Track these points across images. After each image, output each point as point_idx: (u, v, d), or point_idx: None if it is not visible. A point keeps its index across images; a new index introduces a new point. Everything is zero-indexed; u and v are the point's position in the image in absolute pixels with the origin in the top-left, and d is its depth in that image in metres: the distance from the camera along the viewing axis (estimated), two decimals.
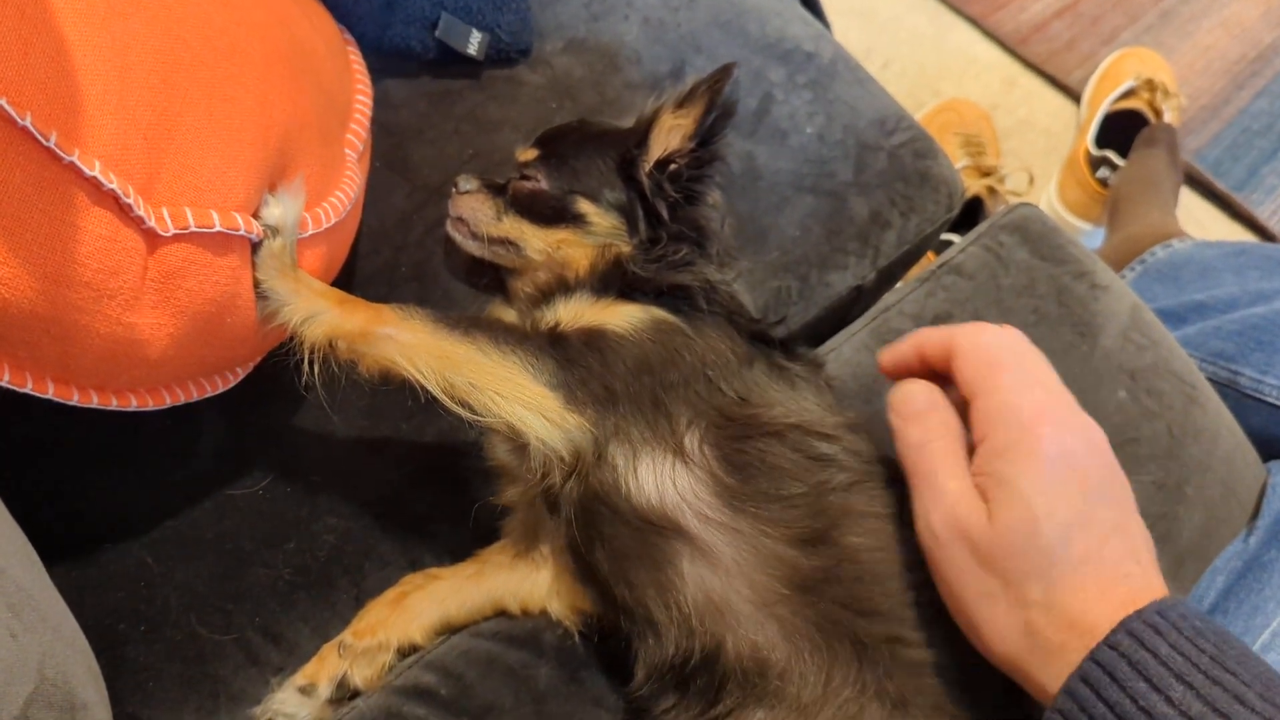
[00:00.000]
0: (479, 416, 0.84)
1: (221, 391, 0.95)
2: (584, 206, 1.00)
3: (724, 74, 0.96)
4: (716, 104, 0.96)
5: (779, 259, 1.20)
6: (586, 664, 0.95)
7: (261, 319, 0.87)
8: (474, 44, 1.22)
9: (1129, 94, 2.17)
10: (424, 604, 0.96)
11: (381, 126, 1.19)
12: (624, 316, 0.90)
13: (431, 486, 1.06)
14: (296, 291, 0.86)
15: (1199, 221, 2.20)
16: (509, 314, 1.04)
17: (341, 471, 1.05)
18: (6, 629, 0.66)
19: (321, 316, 0.85)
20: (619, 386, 0.86)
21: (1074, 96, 2.30)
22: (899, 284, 1.32)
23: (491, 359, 0.85)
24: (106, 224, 0.70)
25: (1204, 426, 1.16)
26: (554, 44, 1.29)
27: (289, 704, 0.92)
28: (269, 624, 0.98)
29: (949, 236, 1.83)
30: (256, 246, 0.85)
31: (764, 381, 0.90)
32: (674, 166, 0.98)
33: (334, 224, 0.96)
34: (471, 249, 1.07)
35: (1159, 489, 1.10)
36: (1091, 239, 2.12)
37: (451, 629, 0.98)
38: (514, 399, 0.84)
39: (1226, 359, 1.38)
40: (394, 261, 1.15)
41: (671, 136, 0.99)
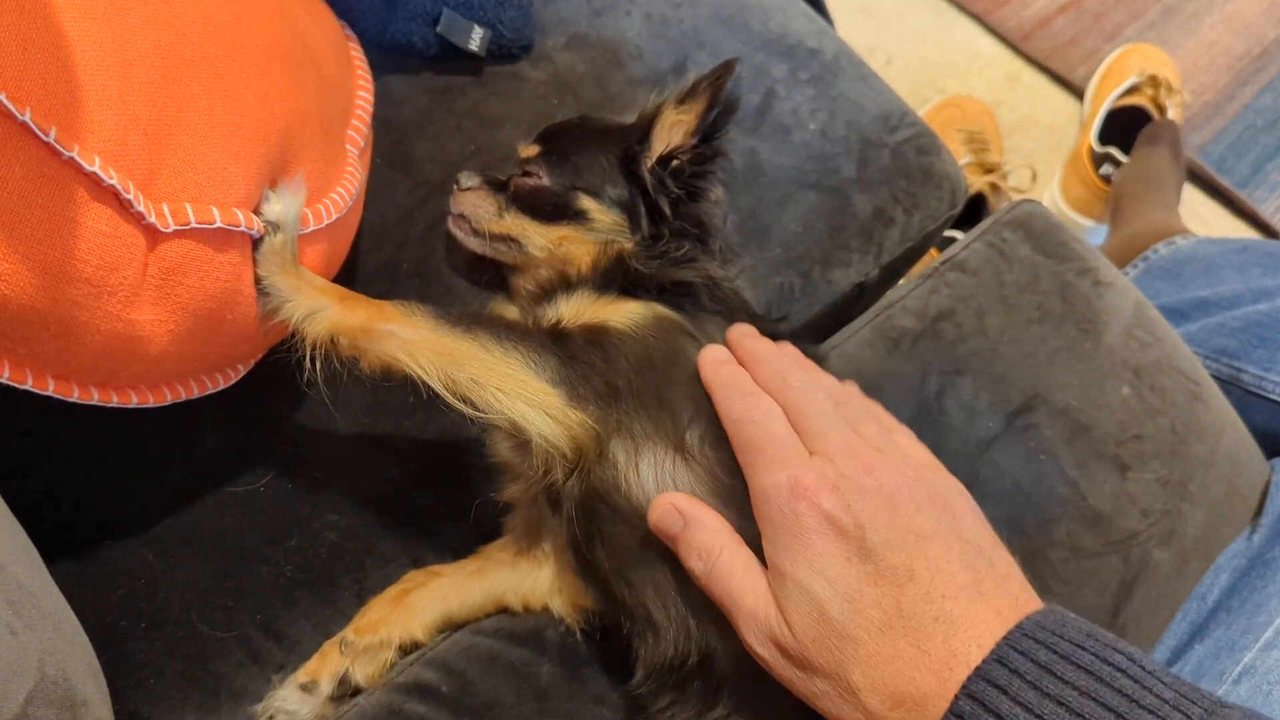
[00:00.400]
0: (481, 413, 0.84)
1: (223, 388, 0.95)
2: (586, 203, 0.99)
3: (726, 70, 0.96)
4: (719, 100, 0.96)
5: (781, 255, 1.20)
6: (588, 661, 0.95)
7: (262, 315, 0.87)
8: (475, 40, 1.22)
9: (1132, 90, 2.16)
10: (426, 601, 0.96)
11: (383, 122, 1.19)
12: (626, 313, 0.90)
13: (433, 483, 1.05)
14: (298, 288, 0.86)
15: (1202, 218, 2.20)
16: (511, 311, 1.04)
17: (343, 468, 1.05)
18: (6, 626, 0.66)
19: (323, 313, 0.85)
20: (621, 383, 0.85)
21: (1077, 93, 2.30)
22: (902, 281, 1.32)
23: (493, 355, 0.84)
24: (106, 220, 0.70)
25: (1208, 423, 1.16)
26: (556, 40, 1.29)
27: (290, 701, 0.92)
28: (270, 621, 0.98)
29: (952, 233, 1.83)
30: (257, 243, 0.85)
31: None
32: (676, 163, 0.98)
33: (335, 220, 0.95)
34: (473, 246, 1.06)
35: (1163, 486, 1.10)
36: (1094, 236, 2.12)
37: (453, 626, 0.98)
38: (516, 395, 0.84)
39: (1230, 356, 1.37)
40: (395, 258, 1.15)
41: (674, 133, 0.98)
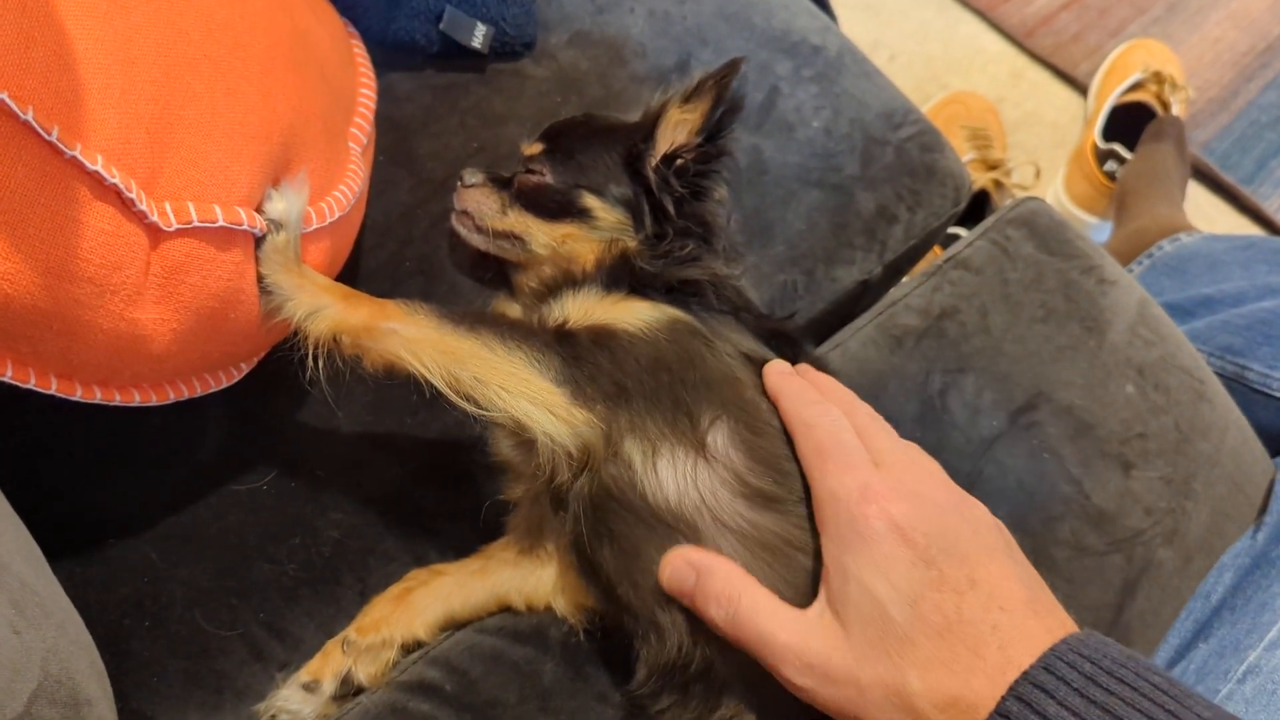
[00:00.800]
0: (484, 411, 0.84)
1: (225, 387, 0.95)
2: (589, 201, 0.99)
3: (731, 68, 0.96)
4: (724, 99, 0.96)
5: (785, 253, 1.20)
6: (591, 660, 0.95)
7: (265, 314, 0.87)
8: (478, 37, 1.22)
9: (1136, 86, 2.16)
10: (428, 600, 0.96)
11: (386, 120, 1.19)
12: (636, 314, 0.90)
13: (436, 482, 1.05)
14: (300, 286, 0.86)
15: (1206, 215, 2.20)
16: (514, 309, 1.04)
17: (346, 467, 1.05)
18: (10, 625, 0.66)
19: (325, 311, 0.85)
20: (631, 384, 0.85)
21: (1081, 89, 2.30)
22: (905, 278, 1.31)
23: (497, 354, 0.84)
24: (109, 219, 0.70)
25: (1212, 422, 1.15)
26: (559, 37, 1.29)
27: (293, 700, 0.92)
28: (273, 620, 0.98)
29: (955, 230, 1.83)
30: (260, 241, 0.85)
31: None
32: (680, 161, 0.98)
33: (338, 218, 0.95)
34: (476, 243, 1.06)
35: (1166, 485, 1.09)
36: (1098, 233, 2.12)
37: (456, 625, 0.97)
38: (519, 394, 0.83)
39: (1235, 353, 1.37)
40: (398, 256, 1.15)
41: (678, 131, 0.98)
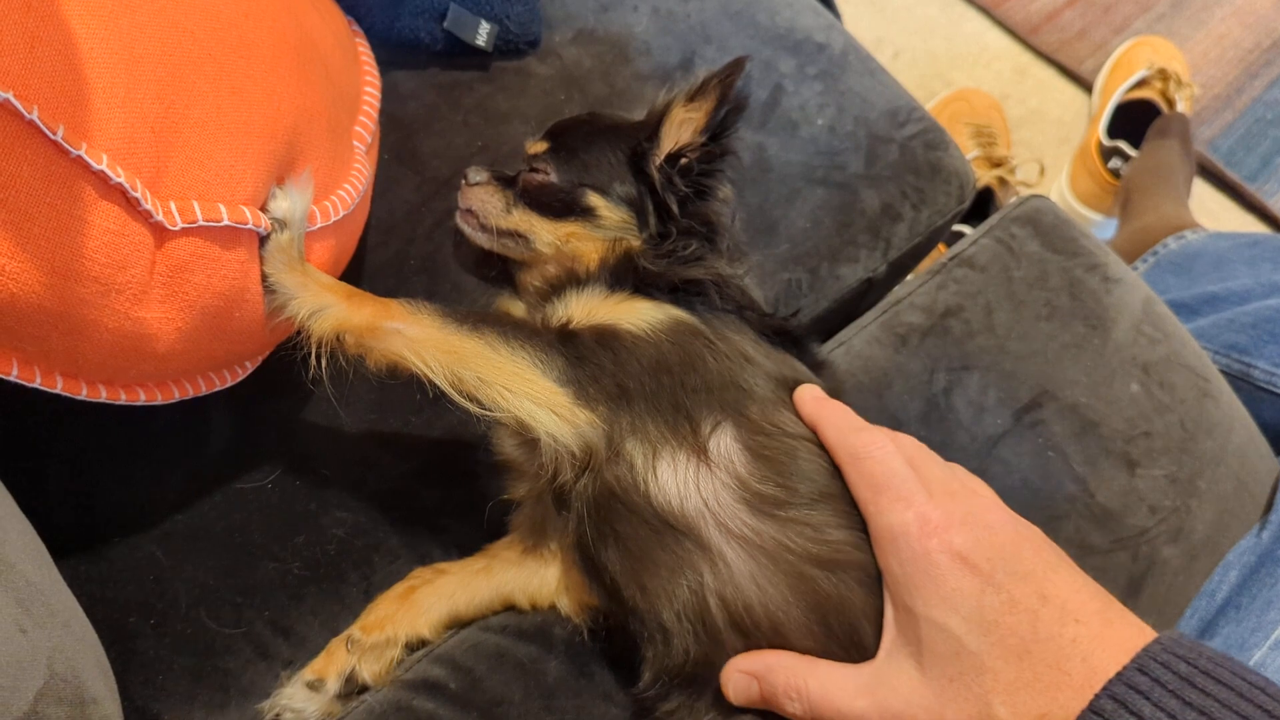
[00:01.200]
0: (487, 411, 0.84)
1: (230, 386, 0.95)
2: (593, 200, 0.99)
3: (736, 67, 0.95)
4: (728, 98, 0.95)
5: (789, 251, 1.20)
6: (596, 659, 0.95)
7: (269, 313, 0.87)
8: (482, 35, 1.22)
9: (1141, 83, 2.15)
10: (432, 599, 0.96)
11: (390, 118, 1.19)
12: (639, 315, 0.90)
13: (440, 481, 1.05)
14: (304, 285, 0.86)
15: (1211, 212, 2.19)
16: (518, 307, 1.04)
17: (350, 465, 1.05)
18: (16, 624, 0.66)
19: (329, 310, 0.85)
20: (633, 385, 0.85)
21: (1086, 86, 2.29)
22: (910, 276, 1.31)
23: (500, 354, 0.84)
24: (114, 218, 0.70)
25: (1217, 420, 1.15)
26: (563, 35, 1.29)
27: (297, 699, 0.92)
28: (278, 618, 0.98)
29: (960, 228, 1.82)
30: (264, 240, 0.85)
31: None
32: (685, 160, 0.97)
33: (342, 217, 0.95)
34: (480, 241, 1.06)
35: (1171, 483, 1.09)
36: (1102, 230, 2.11)
37: (460, 624, 0.98)
38: (522, 394, 0.83)
39: (1240, 351, 1.37)
40: (403, 254, 1.15)
41: (682, 130, 0.98)
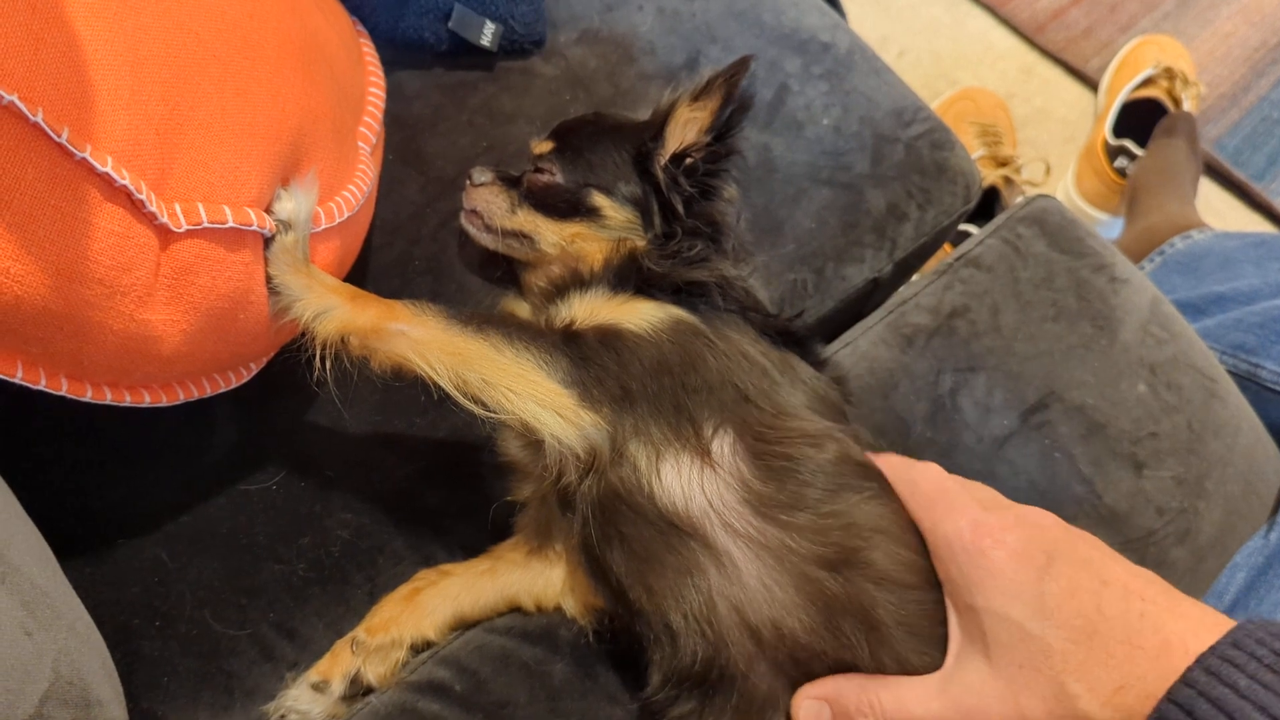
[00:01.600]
0: (492, 413, 0.83)
1: (234, 387, 0.95)
2: (598, 200, 0.99)
3: (741, 67, 0.95)
4: (733, 97, 0.95)
5: (795, 252, 1.19)
6: (602, 661, 0.95)
7: (274, 314, 0.87)
8: (487, 35, 1.22)
9: (1147, 82, 2.15)
10: (437, 600, 0.96)
11: (394, 119, 1.19)
12: (641, 315, 0.89)
13: (444, 482, 1.05)
14: (309, 287, 0.86)
15: (1217, 211, 2.18)
16: (522, 308, 1.04)
17: (354, 467, 1.05)
18: (21, 627, 0.66)
19: (333, 312, 0.85)
20: (636, 386, 0.85)
21: (1091, 85, 2.28)
22: (916, 276, 1.31)
23: (505, 355, 0.84)
24: (119, 220, 0.70)
25: (1224, 421, 1.15)
26: (568, 35, 1.29)
27: (302, 700, 0.92)
28: (283, 619, 0.98)
29: (966, 227, 1.82)
30: (269, 242, 0.85)
31: (797, 390, 0.89)
32: (690, 160, 0.97)
33: (347, 218, 0.95)
34: (485, 242, 1.06)
35: (1179, 484, 1.09)
36: (1108, 229, 2.11)
37: (465, 625, 0.97)
38: (527, 396, 0.83)
39: (1247, 352, 1.36)
40: (407, 255, 1.15)
41: (687, 130, 0.98)
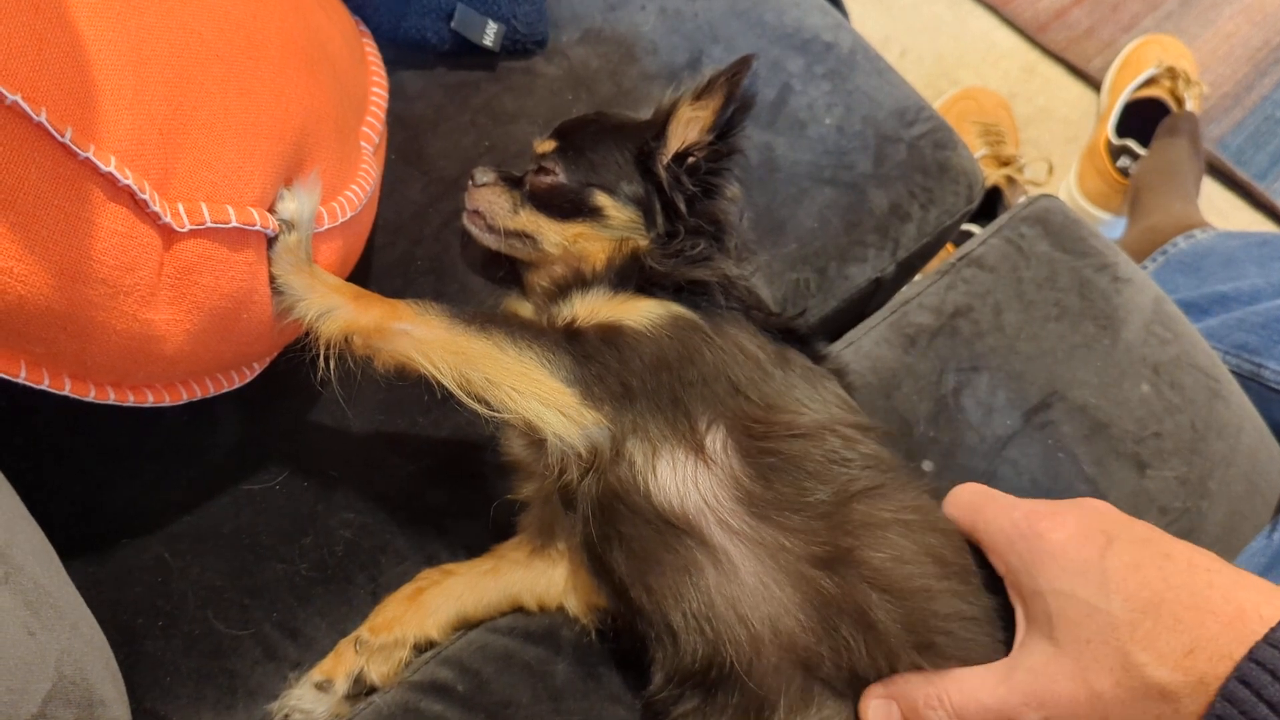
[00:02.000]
0: (495, 412, 0.84)
1: (237, 387, 0.95)
2: (601, 200, 0.99)
3: (742, 66, 0.95)
4: (735, 96, 0.95)
5: (797, 251, 1.19)
6: (604, 661, 0.95)
7: (277, 314, 0.87)
8: (489, 35, 1.22)
9: (1150, 82, 2.15)
10: (440, 600, 0.96)
11: (397, 118, 1.19)
12: (641, 312, 0.90)
13: (447, 481, 1.05)
14: (312, 287, 0.86)
15: (1220, 211, 2.18)
16: (525, 308, 1.04)
17: (357, 466, 1.05)
18: (24, 627, 0.66)
19: (337, 312, 0.85)
20: (636, 383, 0.85)
21: (1094, 84, 2.28)
22: (918, 276, 1.31)
23: (508, 355, 0.84)
24: (122, 220, 0.70)
25: (1227, 420, 1.15)
26: (570, 35, 1.29)
27: (306, 700, 0.92)
28: (286, 619, 0.98)
29: (968, 227, 1.82)
30: (272, 241, 0.85)
31: (791, 383, 0.89)
32: (692, 159, 0.97)
33: (350, 218, 0.95)
34: (488, 242, 1.06)
35: (1182, 484, 1.09)
36: (1111, 229, 2.10)
37: (468, 625, 0.98)
38: (531, 395, 0.83)
39: (1250, 351, 1.36)
40: (410, 255, 1.15)
41: (689, 129, 0.98)
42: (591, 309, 0.93)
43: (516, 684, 0.93)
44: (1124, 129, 2.12)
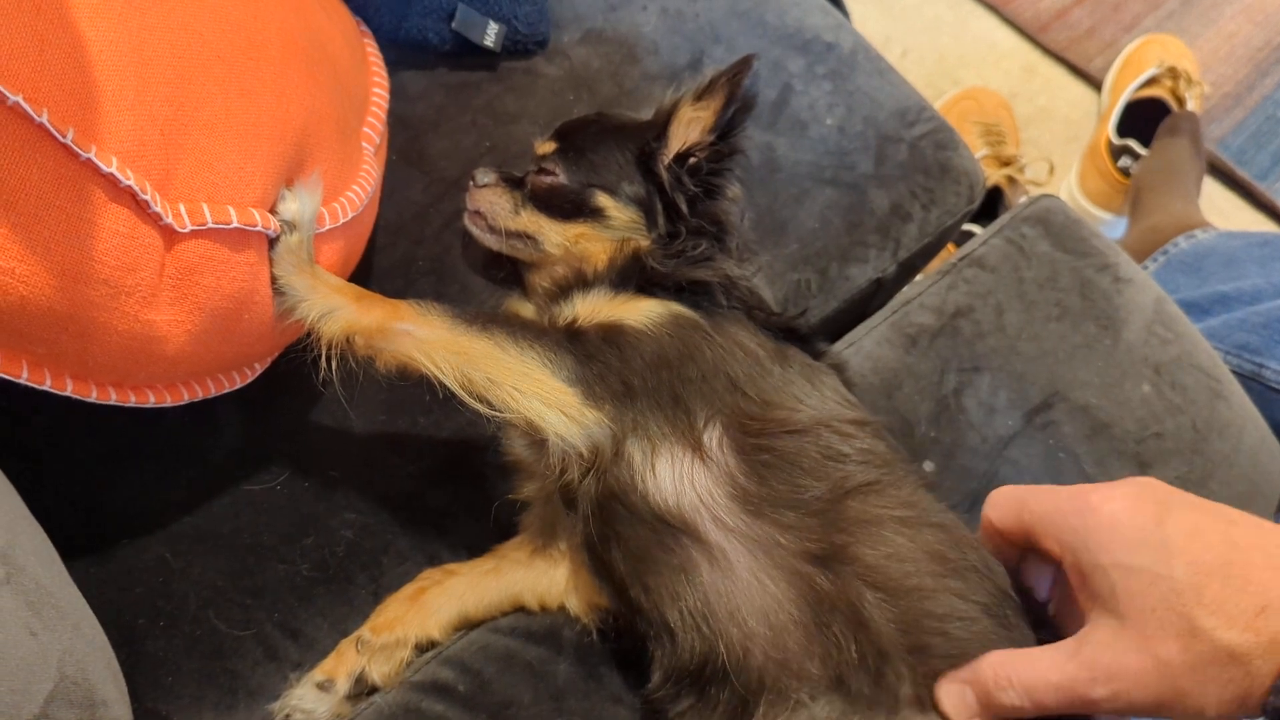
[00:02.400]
0: (497, 412, 0.84)
1: (239, 387, 0.95)
2: (602, 200, 0.99)
3: (743, 66, 0.95)
4: (736, 96, 0.95)
5: (798, 251, 1.19)
6: (606, 660, 0.95)
7: (278, 315, 0.87)
8: (490, 35, 1.22)
9: (1151, 82, 2.14)
10: (442, 600, 0.96)
11: (398, 119, 1.19)
12: (642, 312, 0.90)
13: (449, 482, 1.05)
14: (313, 287, 0.86)
15: (1221, 211, 2.18)
16: (526, 308, 1.04)
17: (359, 467, 1.05)
18: (26, 627, 0.66)
19: (338, 312, 0.85)
20: (636, 382, 0.85)
21: (1095, 84, 2.28)
22: (919, 276, 1.31)
23: (509, 355, 0.84)
24: (124, 220, 0.70)
25: (1229, 421, 1.15)
26: (571, 35, 1.29)
27: (307, 700, 0.92)
28: (287, 619, 0.98)
29: (969, 227, 1.82)
30: (273, 242, 0.85)
31: (789, 380, 0.89)
32: (693, 160, 0.97)
33: (351, 218, 0.95)
34: (489, 243, 1.06)
35: (1183, 484, 1.07)
36: (1112, 229, 2.10)
37: (469, 625, 0.98)
38: (532, 395, 0.83)
39: (1252, 351, 1.36)
40: (411, 255, 1.15)
41: (690, 129, 0.98)
42: (593, 309, 0.93)
43: (518, 684, 0.93)
44: (1125, 129, 2.12)
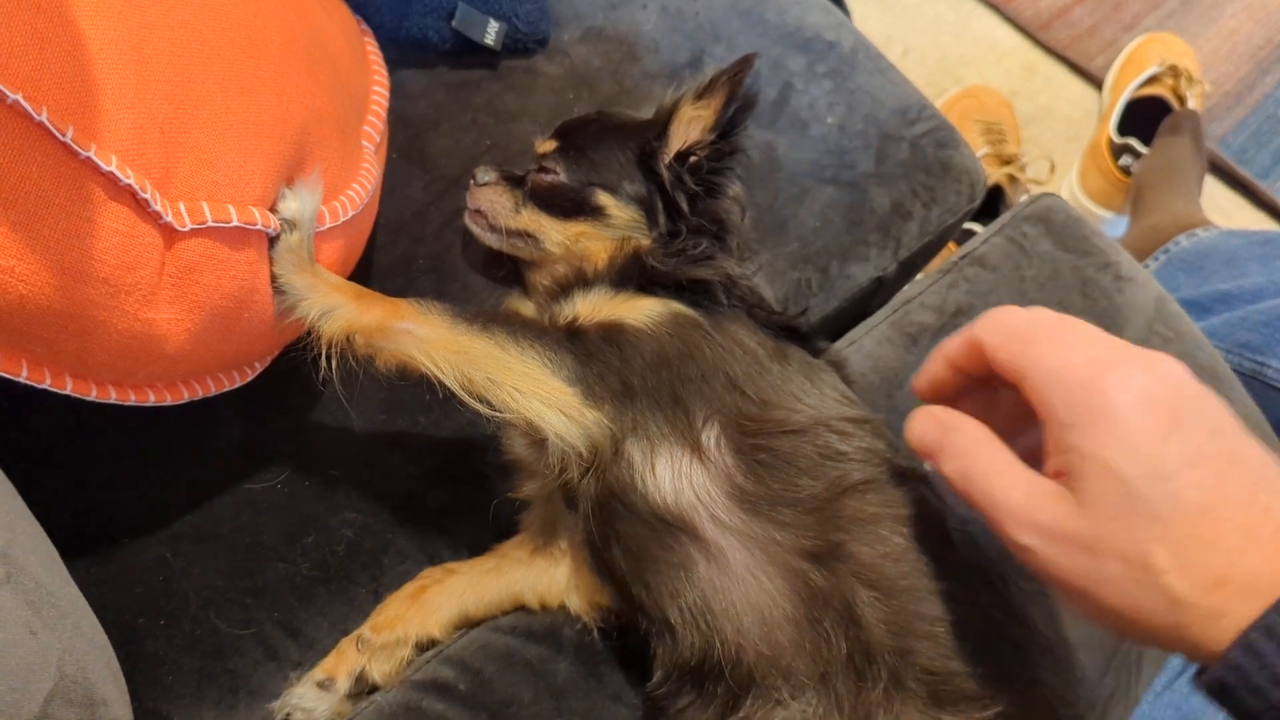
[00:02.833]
0: (497, 411, 0.84)
1: (239, 386, 0.95)
2: (603, 199, 0.99)
3: (744, 64, 0.95)
4: (737, 95, 0.95)
5: (799, 250, 1.19)
6: (606, 659, 0.95)
7: (278, 314, 0.87)
8: (491, 34, 1.21)
9: (1152, 80, 2.14)
10: (442, 599, 0.96)
11: (398, 117, 1.18)
12: (642, 311, 0.90)
13: (450, 481, 1.05)
14: (313, 286, 0.86)
15: (1222, 209, 2.18)
16: (527, 307, 1.04)
17: (359, 466, 1.05)
18: (26, 626, 0.66)
19: (338, 311, 0.85)
20: (636, 381, 0.85)
21: (1096, 83, 2.28)
22: (920, 275, 1.31)
23: (510, 354, 0.84)
24: (124, 219, 0.70)
25: None
26: (571, 33, 1.28)
27: (307, 699, 0.92)
28: (287, 619, 0.98)
29: (970, 226, 1.82)
30: (273, 241, 0.85)
31: (788, 378, 0.89)
32: (694, 158, 0.97)
33: (351, 217, 0.95)
34: (490, 241, 1.06)
35: None
36: (1113, 228, 2.10)
37: (470, 624, 0.98)
38: (532, 394, 0.83)
39: (1253, 350, 1.36)
40: (411, 254, 1.15)
41: (691, 128, 0.98)
42: (593, 308, 0.93)
43: (518, 683, 0.93)
44: (1126, 127, 2.12)
